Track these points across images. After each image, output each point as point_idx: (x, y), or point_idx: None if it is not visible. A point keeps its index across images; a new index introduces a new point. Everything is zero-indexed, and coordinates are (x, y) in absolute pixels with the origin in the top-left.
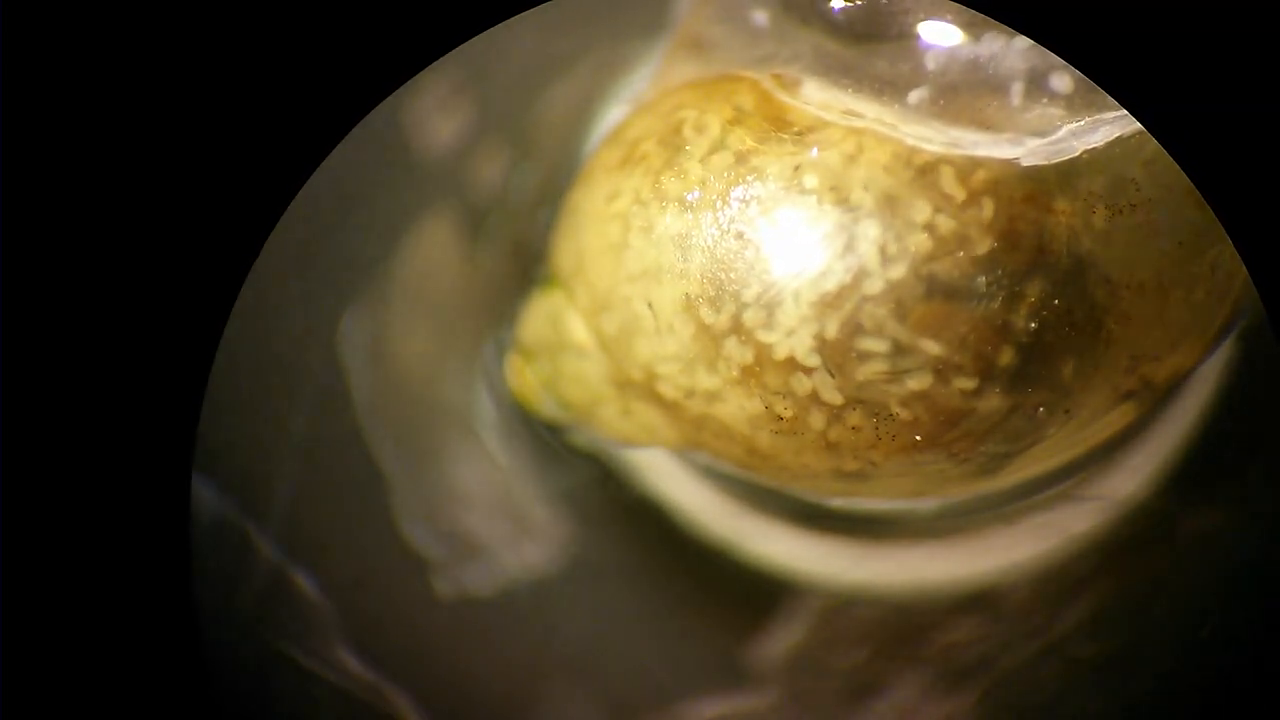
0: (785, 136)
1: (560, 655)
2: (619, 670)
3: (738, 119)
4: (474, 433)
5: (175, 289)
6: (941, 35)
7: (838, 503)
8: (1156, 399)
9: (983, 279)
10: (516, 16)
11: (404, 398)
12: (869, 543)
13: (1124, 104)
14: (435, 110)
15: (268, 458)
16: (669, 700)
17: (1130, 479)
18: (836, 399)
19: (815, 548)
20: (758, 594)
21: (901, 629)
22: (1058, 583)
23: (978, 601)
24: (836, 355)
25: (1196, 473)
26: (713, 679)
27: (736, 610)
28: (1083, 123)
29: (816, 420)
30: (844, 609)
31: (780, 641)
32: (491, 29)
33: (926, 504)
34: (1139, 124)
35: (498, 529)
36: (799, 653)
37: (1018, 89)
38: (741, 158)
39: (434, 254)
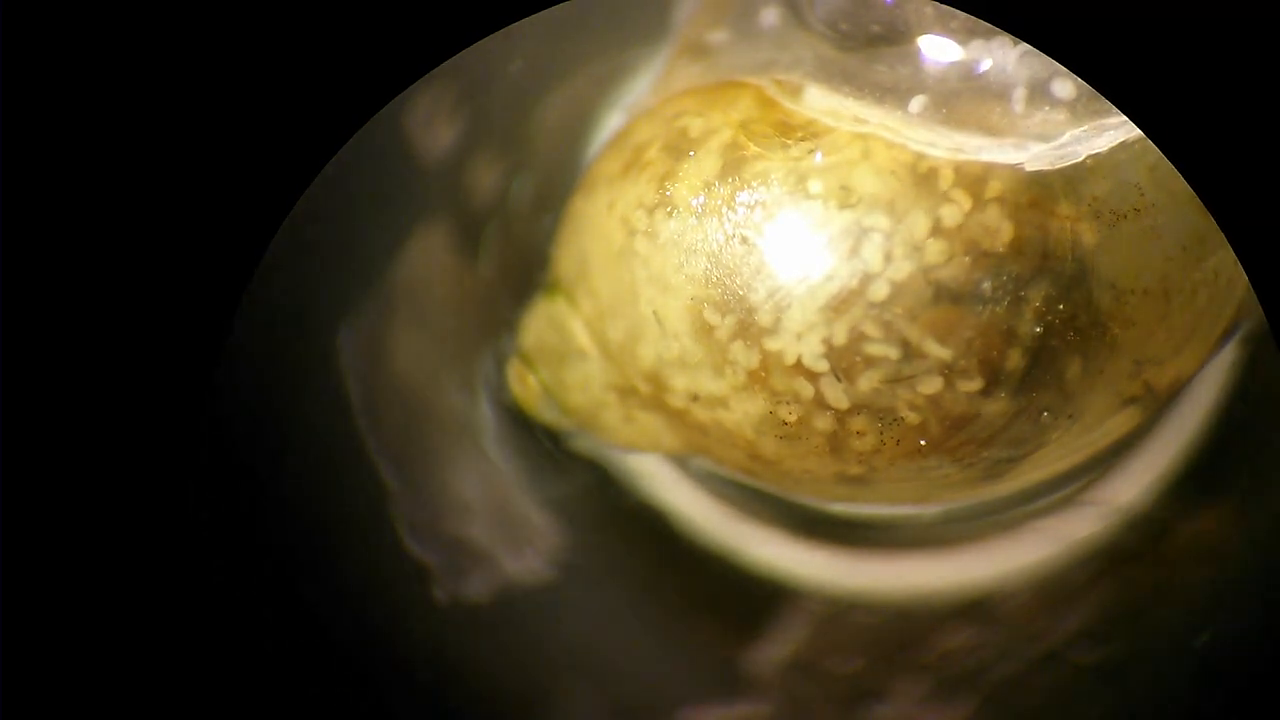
0: (790, 141)
1: (559, 662)
2: (617, 677)
3: (742, 124)
4: (474, 439)
5: (175, 297)
6: (943, 41)
7: (839, 508)
8: (1158, 404)
9: (988, 283)
10: (516, 23)
11: (403, 405)
12: (868, 549)
13: (1125, 110)
14: (435, 118)
15: (268, 465)
16: (667, 706)
17: (1131, 485)
18: (843, 403)
19: (814, 554)
20: (756, 600)
21: (900, 635)
22: (1058, 589)
23: (977, 608)
24: (844, 360)
25: (1196, 479)
26: (711, 685)
27: (735, 616)
28: (1086, 128)
29: (822, 424)
30: (842, 615)
31: (778, 648)
32: (491, 36)
33: (928, 510)
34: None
35: (497, 536)
36: (797, 659)
37: (1020, 95)
38: (747, 163)
39: (434, 261)
